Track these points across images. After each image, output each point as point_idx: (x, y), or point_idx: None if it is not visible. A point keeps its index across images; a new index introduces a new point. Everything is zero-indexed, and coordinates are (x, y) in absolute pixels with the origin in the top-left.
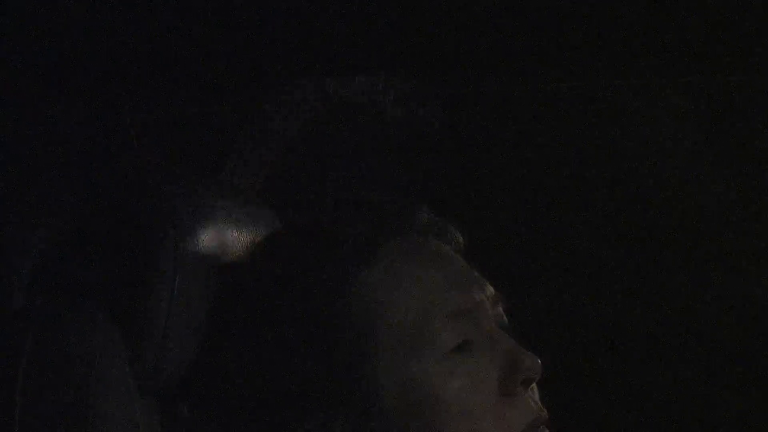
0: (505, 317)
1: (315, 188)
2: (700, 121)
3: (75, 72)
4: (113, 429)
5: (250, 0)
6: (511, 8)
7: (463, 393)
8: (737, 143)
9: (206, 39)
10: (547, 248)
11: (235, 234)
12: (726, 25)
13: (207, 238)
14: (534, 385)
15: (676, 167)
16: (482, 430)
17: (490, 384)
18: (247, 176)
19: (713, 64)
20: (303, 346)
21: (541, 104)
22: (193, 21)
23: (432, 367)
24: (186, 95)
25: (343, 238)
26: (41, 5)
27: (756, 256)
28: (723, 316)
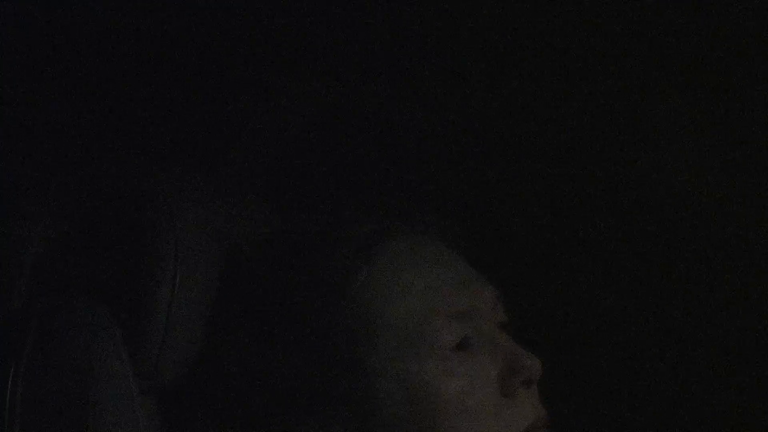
0: (505, 317)
1: (316, 188)
2: (702, 120)
3: (75, 71)
4: (113, 428)
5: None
6: (515, 10)
7: (463, 393)
8: (738, 142)
9: (208, 38)
10: (548, 248)
11: (236, 234)
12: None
13: (208, 238)
14: (534, 385)
15: (677, 166)
16: (482, 431)
17: (490, 384)
18: (248, 175)
19: (713, 63)
20: (303, 345)
21: (541, 104)
22: (195, 20)
23: (432, 367)
24: (187, 94)
25: (343, 237)
26: (42, 3)
27: (757, 255)
28: (724, 316)
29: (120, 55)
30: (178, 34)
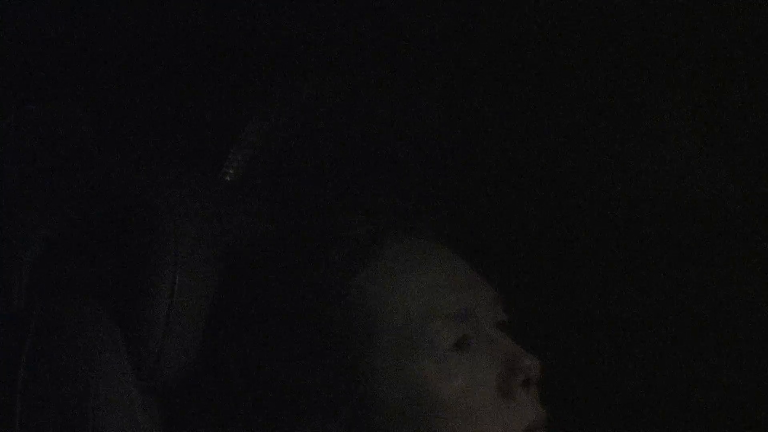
0: (504, 317)
1: (316, 189)
2: (700, 118)
3: (75, 71)
4: (113, 428)
5: None
6: (515, 8)
7: (462, 394)
8: (737, 140)
9: (207, 37)
10: (548, 248)
11: (235, 234)
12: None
13: (207, 239)
14: (534, 385)
15: (676, 166)
16: (481, 431)
17: (489, 385)
18: (247, 176)
19: (712, 62)
20: (302, 346)
21: (540, 104)
22: (193, 19)
23: (431, 368)
24: (187, 94)
25: (343, 238)
26: (41, 3)
27: (756, 254)
28: (724, 316)
29: (119, 55)
30: (177, 34)
